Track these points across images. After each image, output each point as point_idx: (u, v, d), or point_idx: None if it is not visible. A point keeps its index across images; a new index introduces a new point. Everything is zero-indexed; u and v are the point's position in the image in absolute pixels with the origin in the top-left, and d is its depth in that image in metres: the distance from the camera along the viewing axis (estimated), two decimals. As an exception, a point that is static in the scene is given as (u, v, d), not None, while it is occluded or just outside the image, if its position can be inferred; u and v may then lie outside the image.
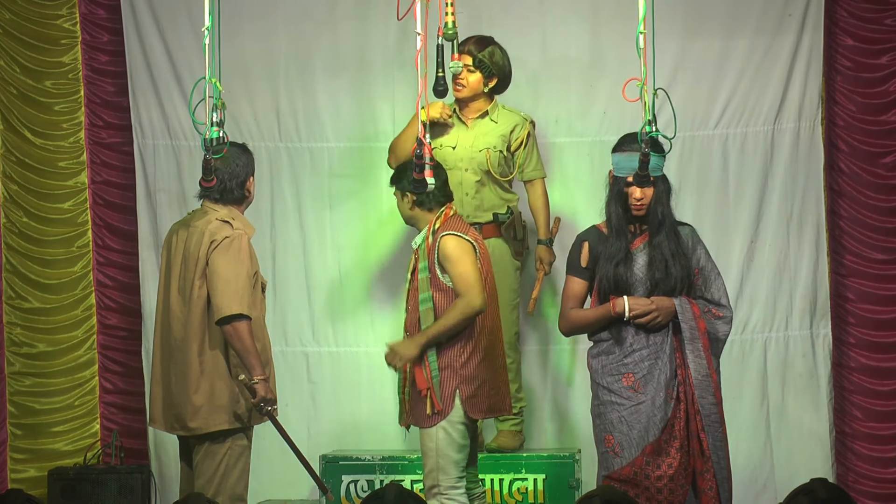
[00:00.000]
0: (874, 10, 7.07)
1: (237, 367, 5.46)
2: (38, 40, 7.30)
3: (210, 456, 5.52)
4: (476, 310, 5.61)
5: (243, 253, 5.48)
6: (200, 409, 5.48)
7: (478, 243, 5.71)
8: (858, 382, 7.13)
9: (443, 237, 5.67)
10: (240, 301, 5.40)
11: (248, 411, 5.53)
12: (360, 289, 7.19)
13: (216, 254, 5.46)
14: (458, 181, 6.57)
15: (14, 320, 7.30)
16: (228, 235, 5.48)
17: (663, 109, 5.59)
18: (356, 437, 7.04)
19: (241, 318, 5.40)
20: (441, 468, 5.63)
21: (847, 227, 7.14)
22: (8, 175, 7.30)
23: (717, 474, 5.30)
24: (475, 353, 5.65)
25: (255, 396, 5.43)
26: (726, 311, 5.45)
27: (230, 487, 5.48)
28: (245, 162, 5.64)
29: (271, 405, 5.46)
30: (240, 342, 5.40)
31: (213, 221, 5.54)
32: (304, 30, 7.18)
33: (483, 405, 5.67)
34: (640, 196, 5.36)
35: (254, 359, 5.40)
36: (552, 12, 7.11)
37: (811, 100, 7.04)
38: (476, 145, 6.61)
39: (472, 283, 5.61)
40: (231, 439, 5.52)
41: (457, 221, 5.74)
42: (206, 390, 5.48)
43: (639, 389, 5.33)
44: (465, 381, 5.64)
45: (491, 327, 5.71)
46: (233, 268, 5.43)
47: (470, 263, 5.63)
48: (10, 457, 7.26)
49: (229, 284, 5.41)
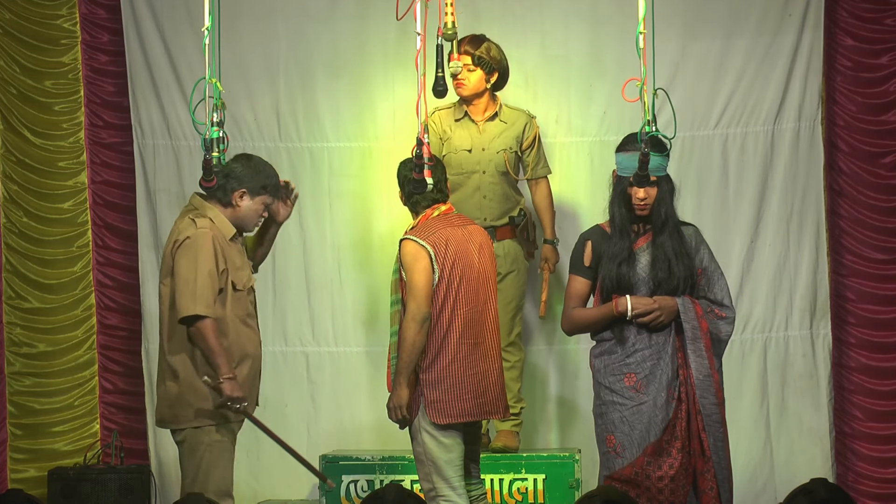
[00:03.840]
0: (874, 10, 7.08)
1: (205, 366, 5.46)
2: (38, 40, 7.30)
3: (188, 454, 5.52)
4: (417, 318, 5.52)
5: (203, 252, 5.42)
6: (171, 405, 5.50)
7: (435, 248, 5.57)
8: (858, 382, 7.13)
9: (401, 241, 5.65)
10: (196, 301, 5.38)
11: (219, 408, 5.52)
12: (360, 289, 7.19)
13: (178, 254, 5.45)
14: (476, 185, 6.56)
15: (14, 320, 7.30)
16: (190, 235, 5.44)
17: (663, 109, 5.59)
18: (356, 437, 7.04)
19: (201, 318, 5.38)
20: (434, 472, 5.61)
21: (847, 227, 7.14)
22: (8, 175, 7.30)
23: (718, 474, 5.30)
24: (440, 356, 5.58)
25: (221, 396, 5.43)
26: (729, 311, 5.44)
27: (214, 484, 5.47)
28: (242, 174, 5.52)
29: (239, 403, 5.43)
30: (203, 342, 5.39)
31: (184, 220, 5.52)
32: (304, 30, 7.18)
33: (452, 410, 5.58)
34: (644, 196, 5.35)
35: (218, 358, 5.38)
36: (551, 12, 7.12)
37: (811, 100, 7.05)
38: (493, 147, 6.60)
39: (415, 291, 5.54)
40: (209, 437, 5.50)
41: (433, 223, 5.65)
42: (174, 388, 5.49)
43: (641, 389, 5.33)
44: (429, 385, 5.59)
45: (465, 331, 5.61)
46: (192, 268, 5.40)
47: (419, 271, 5.55)
48: (10, 457, 7.27)
49: (188, 285, 5.39)
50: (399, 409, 5.60)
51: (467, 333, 5.62)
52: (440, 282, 5.58)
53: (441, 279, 5.58)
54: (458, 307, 5.60)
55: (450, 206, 5.75)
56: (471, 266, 5.65)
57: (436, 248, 5.58)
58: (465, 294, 5.62)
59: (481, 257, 5.70)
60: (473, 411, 5.63)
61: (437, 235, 5.61)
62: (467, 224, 5.76)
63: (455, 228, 5.67)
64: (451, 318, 5.59)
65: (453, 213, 5.76)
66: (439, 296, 5.58)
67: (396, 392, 5.60)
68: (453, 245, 5.62)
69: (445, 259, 5.59)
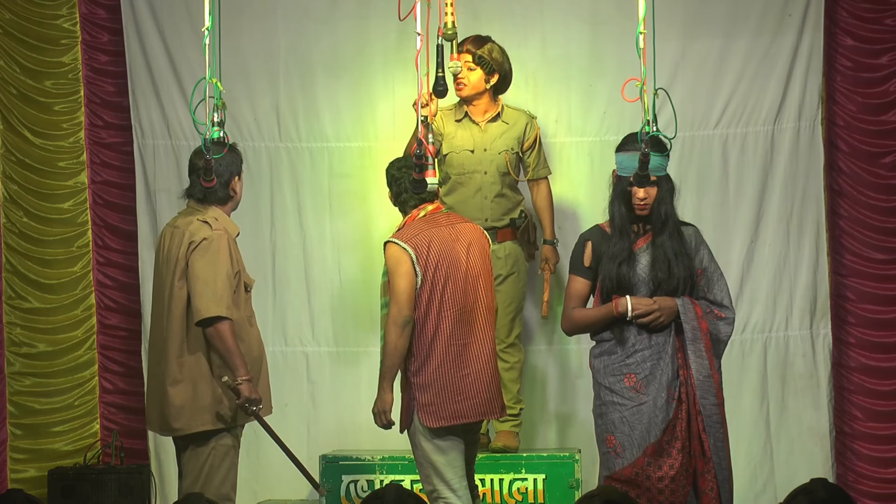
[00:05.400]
0: (874, 10, 7.08)
1: (220, 368, 5.45)
2: (38, 40, 7.30)
3: (194, 457, 5.52)
4: (398, 322, 5.51)
5: (222, 254, 5.45)
6: (183, 410, 5.48)
7: (417, 250, 5.53)
8: (858, 382, 7.13)
9: (385, 244, 5.63)
10: (218, 303, 5.39)
11: (232, 411, 5.51)
12: (360, 289, 7.18)
13: (195, 255, 5.45)
14: (478, 186, 6.56)
15: (14, 320, 7.30)
16: (207, 237, 5.47)
17: (663, 109, 5.59)
18: (356, 437, 7.04)
19: (221, 319, 5.40)
20: (434, 474, 5.60)
21: (847, 227, 7.14)
22: (8, 175, 7.30)
23: (718, 475, 5.30)
24: (429, 360, 5.55)
25: (239, 397, 5.43)
26: (729, 312, 5.44)
27: (215, 487, 5.47)
28: (229, 161, 5.55)
29: (256, 405, 5.44)
30: (222, 343, 5.40)
31: (193, 222, 5.53)
32: (304, 30, 7.18)
33: (444, 412, 5.55)
34: (644, 196, 5.35)
35: (237, 359, 5.40)
36: (552, 12, 7.12)
37: (811, 100, 7.05)
38: (495, 147, 6.60)
39: (396, 295, 5.52)
40: (215, 440, 5.51)
41: (418, 224, 5.61)
42: (189, 391, 5.48)
43: (640, 390, 5.33)
44: (419, 388, 5.57)
45: (454, 332, 5.57)
46: (211, 269, 5.42)
47: (400, 275, 5.53)
48: (10, 457, 7.26)
49: (207, 286, 5.40)
50: (383, 413, 5.59)
51: (456, 335, 5.58)
52: (423, 284, 5.54)
53: (424, 281, 5.54)
54: (444, 308, 5.55)
55: (438, 206, 5.70)
56: (457, 266, 5.59)
57: (417, 250, 5.54)
58: (451, 295, 5.57)
59: (470, 256, 5.63)
60: (467, 412, 5.60)
61: (420, 237, 5.56)
62: (456, 223, 5.68)
63: (441, 228, 5.62)
64: (438, 321, 5.55)
65: (441, 212, 5.70)
66: (423, 298, 5.54)
67: (380, 396, 5.59)
68: (437, 245, 5.56)
69: (428, 261, 5.54)
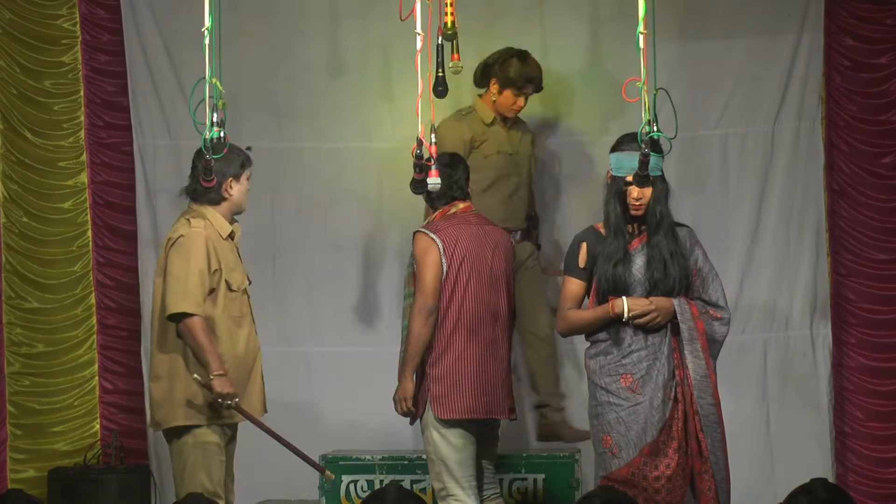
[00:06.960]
0: (874, 10, 7.08)
1: (196, 365, 5.47)
2: (38, 40, 7.30)
3: (175, 452, 5.55)
4: (423, 311, 5.57)
5: (195, 251, 5.47)
6: (161, 405, 5.53)
7: (445, 242, 5.61)
8: (858, 382, 7.13)
9: (414, 234, 5.70)
10: (186, 299, 5.42)
11: (210, 407, 5.52)
12: (360, 289, 7.19)
13: (170, 252, 5.51)
14: (514, 188, 6.59)
15: (14, 320, 7.30)
16: (183, 234, 5.50)
17: (663, 109, 5.58)
18: (356, 437, 7.04)
19: (190, 315, 5.41)
20: (444, 471, 5.61)
21: (847, 227, 7.14)
22: (8, 175, 7.30)
23: (716, 475, 5.30)
24: (447, 352, 5.60)
25: (212, 393, 5.44)
26: (724, 312, 5.44)
27: (200, 484, 5.47)
28: (224, 163, 5.50)
29: (230, 399, 5.45)
30: (192, 339, 5.43)
31: (179, 220, 5.59)
32: (304, 30, 7.18)
33: (457, 406, 5.58)
34: (639, 196, 5.35)
35: (208, 355, 5.41)
36: (552, 12, 7.12)
37: (811, 100, 7.05)
38: (524, 150, 6.67)
39: (422, 284, 5.60)
40: (193, 435, 5.52)
41: (448, 220, 5.68)
42: (166, 386, 5.51)
43: (637, 390, 5.33)
44: (435, 380, 5.61)
45: (474, 328, 5.62)
46: (183, 266, 5.45)
47: (427, 264, 5.60)
48: (10, 457, 7.26)
49: (178, 282, 5.43)
50: (404, 400, 5.63)
51: (477, 331, 5.63)
52: (448, 276, 5.61)
53: (449, 274, 5.61)
54: (466, 303, 5.62)
55: (468, 205, 5.77)
56: (483, 264, 5.67)
57: (445, 242, 5.62)
58: (474, 291, 5.63)
59: (495, 257, 5.72)
60: (479, 409, 5.63)
61: (449, 231, 5.65)
62: (485, 224, 5.77)
63: (471, 226, 5.70)
64: (459, 314, 5.61)
65: (472, 211, 5.77)
66: (447, 291, 5.61)
67: (402, 384, 5.64)
68: (465, 242, 5.65)
69: (455, 254, 5.61)
